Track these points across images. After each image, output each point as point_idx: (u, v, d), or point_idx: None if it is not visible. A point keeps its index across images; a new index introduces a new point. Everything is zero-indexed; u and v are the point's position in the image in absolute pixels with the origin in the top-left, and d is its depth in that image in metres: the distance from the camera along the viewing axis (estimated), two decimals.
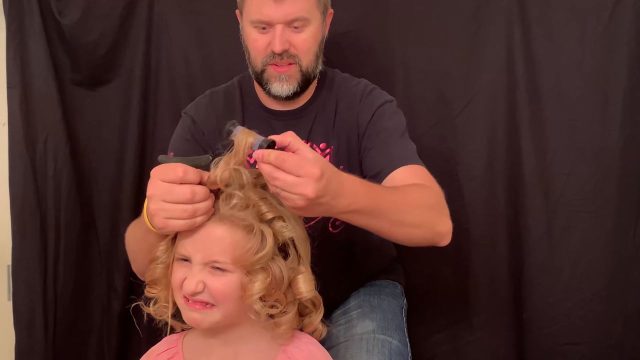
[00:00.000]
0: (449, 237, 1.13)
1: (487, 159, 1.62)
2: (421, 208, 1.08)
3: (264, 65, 1.23)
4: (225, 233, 0.92)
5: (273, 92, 1.25)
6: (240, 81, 1.38)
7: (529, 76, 1.58)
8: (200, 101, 1.37)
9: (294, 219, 0.96)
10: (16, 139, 1.65)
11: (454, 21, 1.61)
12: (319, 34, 1.25)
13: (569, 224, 1.58)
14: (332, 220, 1.28)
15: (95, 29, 1.68)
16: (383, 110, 1.28)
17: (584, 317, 1.59)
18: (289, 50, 1.21)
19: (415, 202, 1.08)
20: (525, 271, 1.61)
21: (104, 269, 1.77)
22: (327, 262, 1.03)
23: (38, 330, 1.66)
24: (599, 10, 1.53)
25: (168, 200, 0.89)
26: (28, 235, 1.66)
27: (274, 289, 0.94)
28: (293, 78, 1.24)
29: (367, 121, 1.27)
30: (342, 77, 1.37)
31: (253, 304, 0.93)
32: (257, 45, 1.23)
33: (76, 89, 1.72)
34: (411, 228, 1.06)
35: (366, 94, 1.31)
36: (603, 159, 1.56)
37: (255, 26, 1.21)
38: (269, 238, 0.92)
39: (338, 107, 1.31)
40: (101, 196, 1.76)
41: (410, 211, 1.05)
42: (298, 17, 1.19)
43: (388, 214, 1.01)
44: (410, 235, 1.07)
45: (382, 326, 1.23)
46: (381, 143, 1.23)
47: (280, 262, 0.95)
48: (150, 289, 1.01)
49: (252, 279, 0.92)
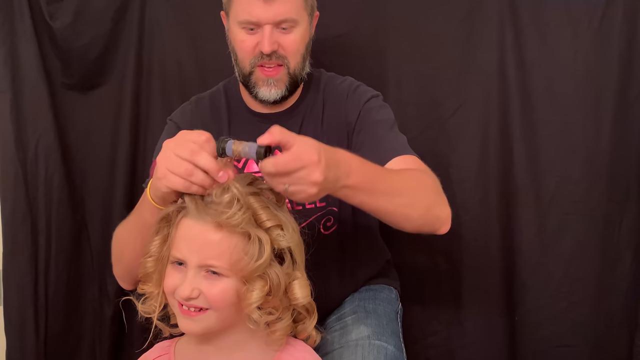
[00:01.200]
0: (449, 224, 1.12)
1: (479, 161, 1.63)
2: (420, 189, 1.08)
3: (252, 66, 1.23)
4: (223, 238, 0.90)
5: (260, 97, 1.25)
6: (225, 85, 1.38)
7: (521, 79, 1.59)
8: (186, 107, 1.36)
9: (291, 226, 0.95)
10: (7, 143, 1.64)
11: (446, 24, 1.61)
12: (307, 35, 1.25)
13: (561, 226, 1.59)
14: (323, 222, 1.28)
15: (87, 32, 1.67)
16: (370, 105, 1.28)
17: (576, 319, 1.59)
18: (277, 52, 1.21)
19: (413, 183, 1.08)
20: (518, 273, 1.62)
21: (95, 274, 1.76)
22: (320, 265, 1.02)
23: (29, 336, 1.65)
24: (590, 13, 1.54)
25: (178, 154, 0.89)
26: (19, 240, 1.65)
27: (271, 296, 0.93)
28: (281, 82, 1.24)
29: (355, 118, 1.27)
30: (328, 76, 1.37)
31: (251, 313, 0.91)
32: (245, 46, 1.22)
33: (68, 92, 1.72)
34: (410, 208, 1.05)
35: (352, 91, 1.31)
36: (594, 161, 1.57)
37: (243, 27, 1.21)
38: (266, 246, 0.91)
39: (325, 106, 1.31)
40: (93, 200, 1.75)
41: (408, 191, 1.05)
42: (287, 18, 1.19)
43: (385, 190, 1.01)
44: (409, 216, 1.06)
45: (378, 332, 1.21)
46: (372, 138, 1.23)
47: (277, 268, 0.93)
48: (142, 285, 1.00)
49: (250, 287, 0.91)
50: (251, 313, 0.91)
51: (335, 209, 1.28)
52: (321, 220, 1.28)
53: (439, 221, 1.11)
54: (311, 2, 1.25)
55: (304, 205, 1.24)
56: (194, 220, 0.92)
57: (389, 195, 1.02)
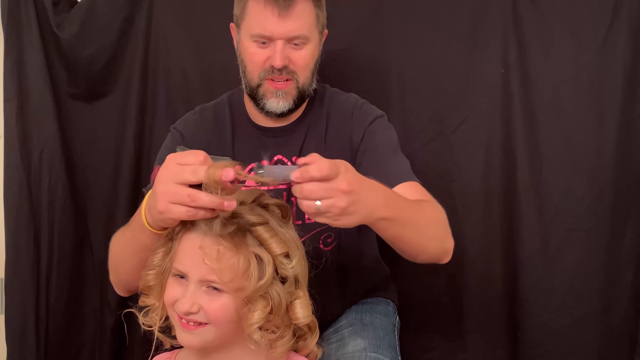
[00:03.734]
0: (450, 255, 1.14)
1: (482, 176, 1.62)
2: (436, 221, 1.10)
3: (260, 79, 1.23)
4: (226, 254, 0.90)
5: (268, 108, 1.25)
6: (230, 97, 1.38)
7: (524, 93, 1.59)
8: (190, 117, 1.36)
9: (299, 251, 0.95)
10: (12, 152, 1.65)
11: (450, 38, 1.62)
12: (316, 52, 1.26)
13: (563, 242, 1.58)
14: (323, 238, 1.28)
15: (94, 42, 1.69)
16: (375, 126, 1.29)
17: (578, 336, 1.58)
18: (287, 67, 1.22)
19: (431, 215, 1.09)
20: (520, 289, 1.61)
21: (97, 283, 1.76)
22: (320, 281, 1.02)
23: (30, 345, 1.65)
24: (595, 28, 1.54)
25: (178, 181, 0.85)
26: (22, 249, 1.65)
27: (272, 315, 0.92)
28: (289, 95, 1.24)
29: (360, 137, 1.27)
30: (332, 91, 1.37)
31: (252, 333, 0.90)
32: (256, 59, 1.22)
33: (73, 102, 1.73)
34: (428, 241, 1.07)
35: (357, 109, 1.31)
36: (598, 177, 1.56)
37: (255, 40, 1.21)
38: (268, 267, 0.90)
39: (329, 122, 1.31)
40: (96, 209, 1.76)
41: (428, 224, 1.07)
42: (300, 34, 1.20)
43: (413, 222, 1.02)
44: (427, 249, 1.08)
45: (374, 344, 1.22)
46: (376, 161, 1.23)
47: (279, 286, 0.92)
48: (144, 297, 0.99)
49: (252, 307, 0.90)
50: (252, 334, 0.90)
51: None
52: (321, 236, 1.27)
53: (446, 253, 1.13)
54: (322, 20, 1.26)
55: (303, 219, 1.24)
56: (198, 235, 0.91)
57: (414, 227, 1.03)
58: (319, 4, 1.23)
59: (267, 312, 0.90)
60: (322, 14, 1.25)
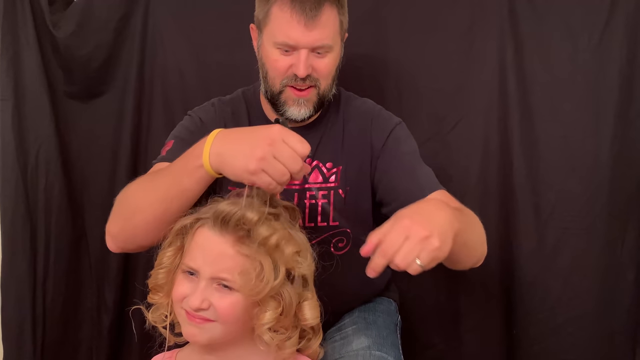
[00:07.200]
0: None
1: (479, 175, 1.63)
2: (480, 224, 1.13)
3: (282, 86, 1.23)
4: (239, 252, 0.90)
5: (288, 115, 1.24)
6: (245, 93, 1.37)
7: (521, 93, 1.60)
8: (208, 106, 1.35)
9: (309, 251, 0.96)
10: (8, 151, 1.64)
11: (447, 38, 1.62)
12: (338, 59, 1.27)
13: (560, 241, 1.59)
14: (334, 242, 1.27)
15: (90, 41, 1.68)
16: (396, 133, 1.30)
17: (574, 334, 1.59)
18: (311, 75, 1.21)
19: (475, 219, 1.12)
20: (516, 287, 1.62)
21: (94, 283, 1.76)
22: (329, 285, 1.03)
23: (27, 344, 1.65)
24: (591, 28, 1.55)
25: (278, 157, 0.91)
26: (18, 248, 1.65)
27: (282, 316, 0.92)
28: (310, 102, 1.24)
29: (381, 143, 1.28)
30: (347, 95, 1.37)
31: (263, 334, 0.91)
32: (279, 66, 1.21)
33: (69, 101, 1.72)
34: (481, 245, 1.12)
35: (376, 116, 1.32)
36: (594, 176, 1.57)
37: (278, 47, 1.20)
38: (281, 266, 0.91)
39: (346, 127, 1.31)
40: (92, 210, 1.75)
41: (478, 226, 1.11)
42: (324, 44, 1.19)
43: (470, 228, 1.05)
44: (478, 253, 1.12)
45: (378, 342, 1.22)
46: (403, 171, 1.24)
47: (289, 287, 0.93)
48: (153, 295, 1.00)
49: (263, 308, 0.90)
50: (263, 334, 0.91)
51: (349, 230, 1.27)
52: (333, 240, 1.27)
53: (482, 258, 1.16)
54: (345, 25, 1.26)
55: (316, 222, 1.25)
56: (212, 232, 0.92)
57: (472, 232, 1.06)
58: (342, 10, 1.23)
59: (278, 313, 0.91)
60: (344, 19, 1.25)
